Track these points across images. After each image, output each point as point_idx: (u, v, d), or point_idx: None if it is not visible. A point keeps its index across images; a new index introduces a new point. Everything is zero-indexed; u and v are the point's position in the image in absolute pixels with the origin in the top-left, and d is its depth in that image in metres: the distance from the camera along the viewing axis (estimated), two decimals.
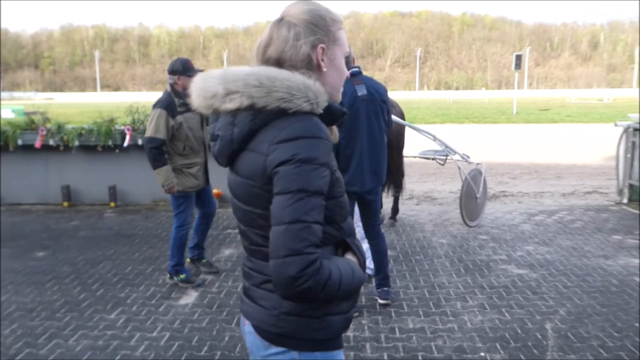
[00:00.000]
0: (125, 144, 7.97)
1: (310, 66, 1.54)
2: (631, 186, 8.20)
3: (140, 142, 8.05)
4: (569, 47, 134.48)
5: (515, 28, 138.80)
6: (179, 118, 4.65)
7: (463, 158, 6.92)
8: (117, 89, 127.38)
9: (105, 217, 7.70)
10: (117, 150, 8.12)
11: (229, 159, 1.59)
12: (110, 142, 8.08)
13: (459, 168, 6.84)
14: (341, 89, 1.66)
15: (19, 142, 8.19)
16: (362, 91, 4.07)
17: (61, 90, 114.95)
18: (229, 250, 6.07)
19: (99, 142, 8.07)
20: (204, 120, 4.92)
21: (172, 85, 4.69)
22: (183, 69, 4.63)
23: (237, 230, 6.70)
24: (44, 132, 8.13)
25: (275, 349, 1.56)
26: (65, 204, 8.34)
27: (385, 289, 4.48)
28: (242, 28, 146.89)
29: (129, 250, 6.12)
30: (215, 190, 7.53)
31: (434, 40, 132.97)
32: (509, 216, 7.49)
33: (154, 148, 4.58)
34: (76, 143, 8.09)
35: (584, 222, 7.11)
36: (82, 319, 4.28)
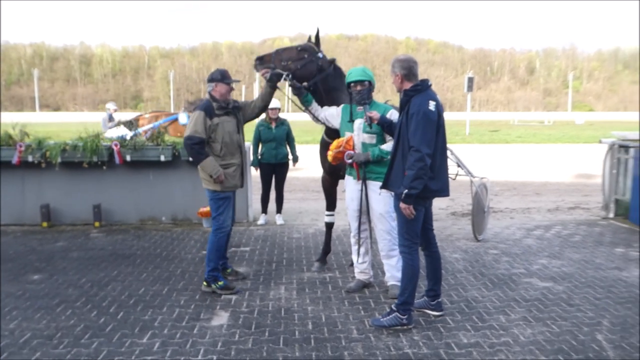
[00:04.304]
0: (117, 161, 7.57)
1: None
2: (617, 201, 8.45)
3: (129, 158, 7.69)
4: (508, 72, 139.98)
5: (457, 52, 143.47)
6: (216, 120, 4.90)
7: (468, 173, 6.95)
8: (57, 108, 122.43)
9: (92, 237, 7.26)
10: (104, 167, 7.70)
11: None
12: (95, 159, 7.64)
13: (471, 182, 6.86)
14: None
15: None
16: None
17: None
18: (242, 268, 5.80)
19: (84, 159, 7.61)
20: (240, 124, 5.08)
21: (210, 93, 4.99)
22: (221, 77, 4.96)
23: (243, 248, 6.46)
24: (23, 148, 7.63)
25: None
26: (45, 224, 7.82)
27: (440, 300, 4.43)
28: (188, 48, 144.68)
29: (133, 270, 5.76)
30: (206, 209, 7.26)
31: (380, 62, 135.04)
32: (508, 231, 7.55)
33: (194, 144, 4.81)
34: (59, 159, 7.62)
35: (581, 236, 7.24)
36: (112, 344, 3.94)
